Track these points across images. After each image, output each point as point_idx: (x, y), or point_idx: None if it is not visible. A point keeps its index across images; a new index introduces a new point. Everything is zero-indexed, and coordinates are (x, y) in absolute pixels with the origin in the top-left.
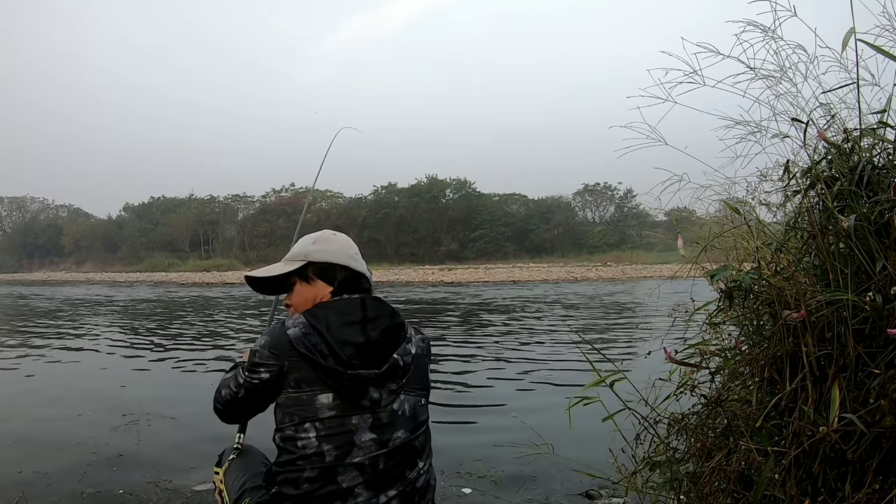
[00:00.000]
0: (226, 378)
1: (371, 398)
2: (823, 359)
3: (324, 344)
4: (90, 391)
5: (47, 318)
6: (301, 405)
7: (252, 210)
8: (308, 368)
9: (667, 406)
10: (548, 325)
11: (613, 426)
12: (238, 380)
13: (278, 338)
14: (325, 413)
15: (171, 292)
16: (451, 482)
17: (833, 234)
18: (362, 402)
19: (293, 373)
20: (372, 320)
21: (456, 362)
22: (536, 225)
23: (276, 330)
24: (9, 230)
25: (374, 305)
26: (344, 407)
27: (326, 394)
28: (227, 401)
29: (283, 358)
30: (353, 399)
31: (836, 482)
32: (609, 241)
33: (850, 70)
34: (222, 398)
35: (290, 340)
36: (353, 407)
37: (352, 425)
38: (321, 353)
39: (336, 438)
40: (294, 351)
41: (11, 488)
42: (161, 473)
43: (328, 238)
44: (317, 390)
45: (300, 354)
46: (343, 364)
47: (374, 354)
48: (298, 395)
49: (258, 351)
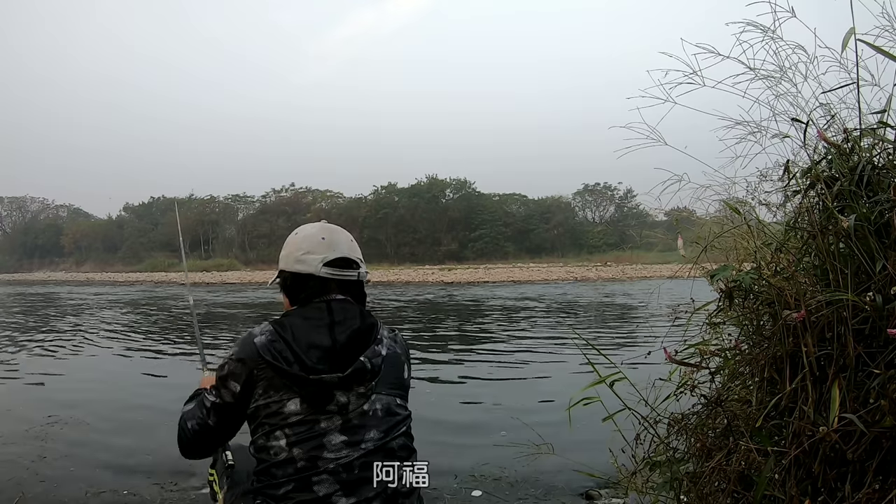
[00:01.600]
0: (187, 411)
1: (338, 402)
2: (823, 359)
3: (288, 350)
4: (91, 391)
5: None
6: (271, 414)
7: (252, 210)
8: (275, 376)
9: (667, 406)
10: (548, 325)
11: (613, 426)
12: (205, 404)
13: (246, 347)
14: (294, 419)
15: (151, 291)
16: (461, 484)
17: (833, 234)
18: (329, 407)
19: (261, 381)
20: (340, 323)
21: (456, 362)
22: (536, 225)
23: (244, 339)
24: (9, 230)
25: (342, 308)
26: (311, 412)
27: (294, 400)
28: (195, 432)
29: (252, 366)
30: (320, 404)
31: (836, 482)
32: (609, 241)
33: (850, 70)
34: (189, 432)
35: (257, 349)
36: (320, 412)
37: (321, 429)
38: (286, 360)
39: (306, 444)
40: (261, 358)
41: (12, 488)
42: (165, 475)
43: (288, 240)
44: (285, 398)
45: (266, 362)
46: (307, 369)
47: (340, 358)
48: (267, 402)
49: (227, 363)
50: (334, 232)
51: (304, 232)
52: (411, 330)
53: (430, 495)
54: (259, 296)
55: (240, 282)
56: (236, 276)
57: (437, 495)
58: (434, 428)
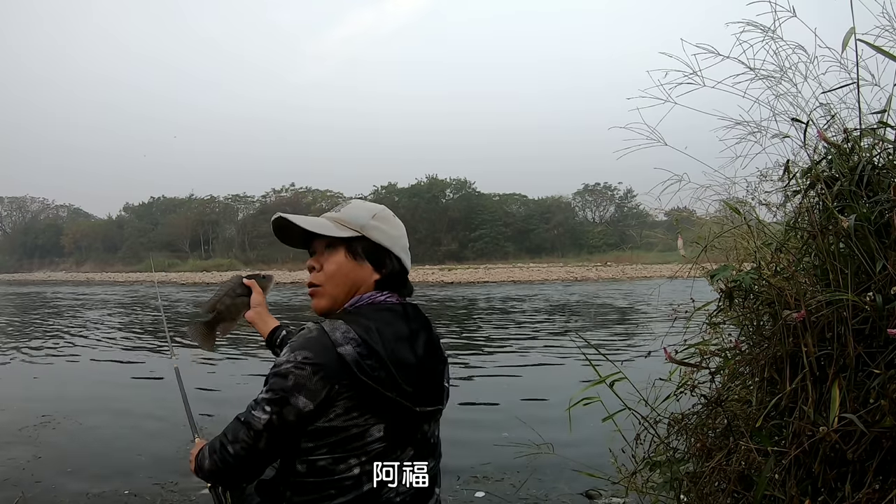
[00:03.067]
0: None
1: (422, 431)
2: (823, 359)
3: (383, 370)
4: (94, 392)
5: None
6: (348, 437)
7: (252, 210)
8: (363, 397)
9: (667, 406)
10: (548, 326)
11: (613, 426)
12: (255, 424)
13: (327, 356)
14: (375, 447)
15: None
16: (463, 485)
17: (833, 234)
18: (415, 436)
19: (343, 400)
20: (416, 333)
21: (456, 362)
22: (536, 225)
23: (319, 342)
24: (9, 230)
25: (416, 314)
26: (395, 440)
27: (378, 426)
28: (239, 458)
29: (334, 381)
30: (407, 433)
31: (836, 482)
32: (609, 241)
33: (850, 70)
34: (230, 459)
35: (344, 362)
36: (403, 440)
37: (397, 458)
38: (383, 383)
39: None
40: (349, 375)
41: (10, 489)
42: (166, 476)
43: (389, 218)
44: (370, 422)
45: (357, 381)
46: (407, 397)
47: (425, 378)
48: (347, 426)
49: (294, 372)
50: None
51: (401, 223)
52: None
53: (449, 495)
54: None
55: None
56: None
57: (439, 496)
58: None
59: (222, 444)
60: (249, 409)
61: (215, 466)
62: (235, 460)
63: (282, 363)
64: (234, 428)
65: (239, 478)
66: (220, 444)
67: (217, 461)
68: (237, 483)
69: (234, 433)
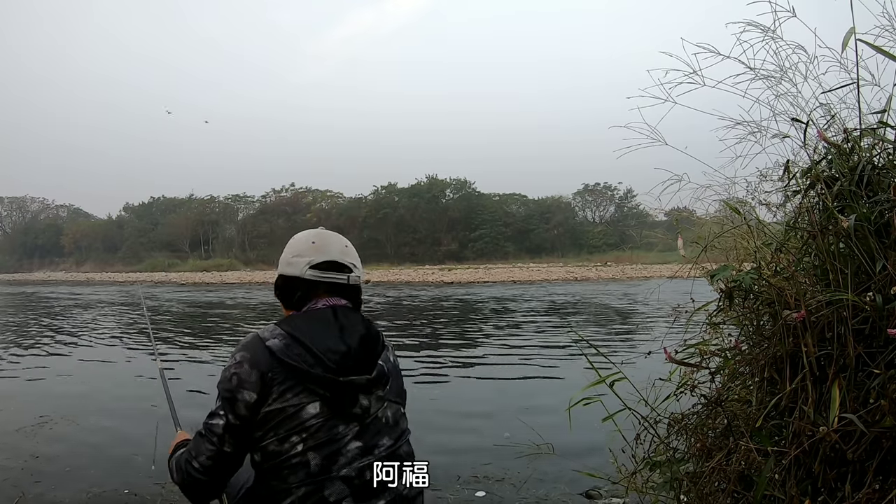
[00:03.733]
0: (182, 454)
1: (361, 406)
2: (823, 359)
3: (308, 354)
4: (92, 392)
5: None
6: (287, 417)
7: (252, 210)
8: (293, 379)
9: (667, 406)
10: (548, 326)
11: (613, 426)
12: (214, 431)
13: (257, 350)
14: (313, 423)
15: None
16: (464, 485)
17: (833, 234)
18: (353, 411)
19: (277, 385)
20: (346, 329)
21: (456, 362)
22: (536, 225)
23: (251, 342)
24: (9, 230)
25: (345, 313)
26: (331, 416)
27: (314, 403)
28: (207, 469)
29: (265, 370)
30: (343, 407)
31: (836, 482)
32: (609, 242)
33: (850, 70)
34: (198, 470)
35: (272, 351)
36: (340, 416)
37: (339, 433)
38: (308, 363)
39: (322, 448)
40: (278, 361)
41: (10, 488)
42: (165, 475)
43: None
44: (305, 401)
45: (285, 365)
46: (332, 371)
47: (358, 361)
48: (284, 407)
49: (234, 373)
50: (326, 236)
51: (297, 237)
52: (411, 330)
53: (433, 496)
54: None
55: (240, 282)
56: (236, 276)
57: (440, 496)
58: (435, 428)
59: (187, 460)
60: (205, 422)
61: (182, 481)
62: (200, 473)
63: (225, 370)
64: (196, 443)
65: (206, 489)
66: (185, 460)
67: (184, 477)
68: (205, 496)
69: (197, 447)
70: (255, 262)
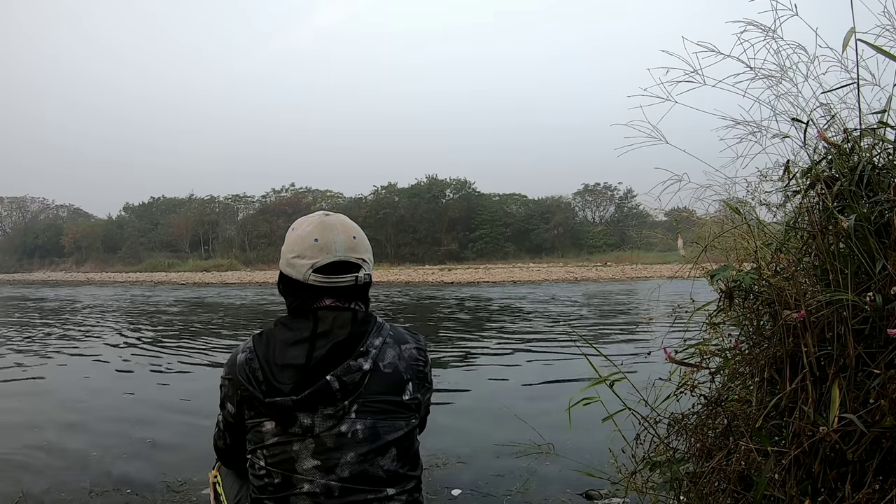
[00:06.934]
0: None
1: (302, 425)
2: (823, 359)
3: (260, 370)
4: (91, 391)
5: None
6: (253, 432)
7: (252, 210)
8: (248, 395)
9: (667, 406)
10: (548, 325)
11: (613, 426)
12: (219, 425)
13: (230, 365)
14: (270, 440)
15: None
16: (462, 485)
17: (833, 234)
18: (292, 430)
19: (243, 401)
20: (323, 335)
21: (456, 362)
22: (536, 225)
23: (231, 358)
24: (9, 230)
25: (331, 317)
26: (283, 433)
27: (270, 421)
28: (220, 451)
29: (237, 385)
30: (286, 426)
31: (836, 482)
32: (609, 242)
33: (850, 70)
34: (219, 447)
35: (239, 367)
36: (293, 432)
37: (293, 452)
38: (256, 380)
39: (280, 466)
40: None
41: (10, 488)
42: (168, 475)
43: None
44: (263, 418)
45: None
46: (271, 391)
47: (310, 377)
48: (251, 422)
49: (222, 386)
50: (331, 230)
51: (299, 230)
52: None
53: (431, 496)
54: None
55: (240, 282)
56: (236, 277)
57: (440, 496)
58: (435, 428)
59: (215, 437)
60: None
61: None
62: (221, 450)
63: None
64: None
65: (229, 460)
66: (215, 434)
67: (216, 450)
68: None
69: (216, 430)
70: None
